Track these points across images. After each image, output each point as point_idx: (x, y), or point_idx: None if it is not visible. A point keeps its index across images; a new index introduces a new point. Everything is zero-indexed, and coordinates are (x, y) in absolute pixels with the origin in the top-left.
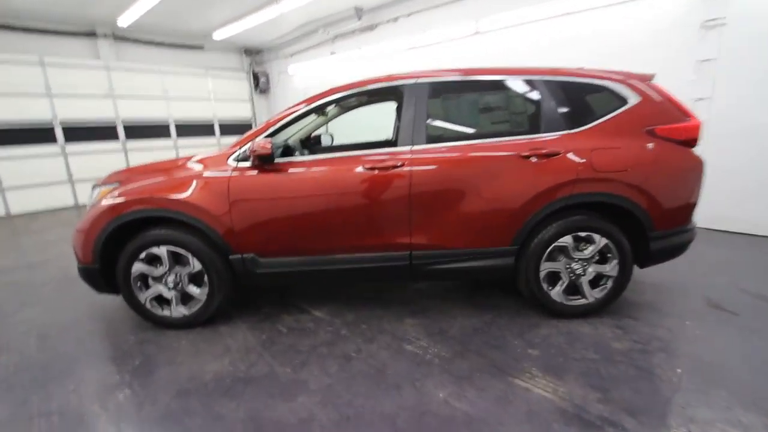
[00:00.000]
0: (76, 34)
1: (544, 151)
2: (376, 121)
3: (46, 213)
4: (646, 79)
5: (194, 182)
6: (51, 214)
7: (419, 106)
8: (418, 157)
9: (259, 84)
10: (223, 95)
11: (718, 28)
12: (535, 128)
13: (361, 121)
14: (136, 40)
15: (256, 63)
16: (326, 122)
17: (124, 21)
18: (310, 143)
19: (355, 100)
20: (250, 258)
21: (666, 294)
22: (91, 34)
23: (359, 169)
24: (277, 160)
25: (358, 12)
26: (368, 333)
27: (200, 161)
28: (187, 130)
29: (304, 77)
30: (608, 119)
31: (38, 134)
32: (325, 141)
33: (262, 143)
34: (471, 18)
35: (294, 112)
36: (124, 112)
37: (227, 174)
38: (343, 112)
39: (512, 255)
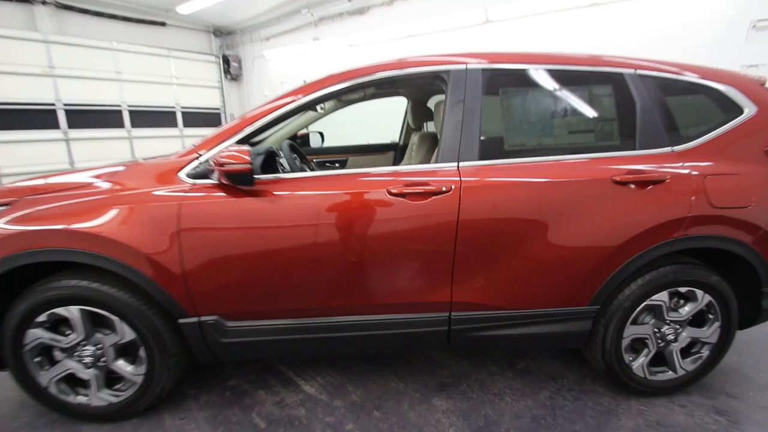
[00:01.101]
0: None
1: (645, 176)
2: (364, 117)
3: None
4: (761, 83)
5: (124, 207)
6: None
7: (471, 104)
8: (469, 180)
9: (230, 69)
10: (188, 80)
11: None
12: (628, 142)
13: (339, 118)
14: (83, 11)
15: (227, 46)
16: (318, 119)
17: None
18: (298, 144)
19: (361, 93)
20: (211, 322)
21: (753, 355)
22: (26, 0)
23: (382, 194)
24: (257, 176)
25: None
26: (386, 428)
27: (135, 173)
28: (144, 118)
29: (283, 65)
30: (722, 134)
31: None
32: (314, 141)
33: (235, 153)
34: (479, 4)
35: (281, 106)
36: (67, 94)
37: (178, 195)
38: (341, 107)
39: (589, 318)
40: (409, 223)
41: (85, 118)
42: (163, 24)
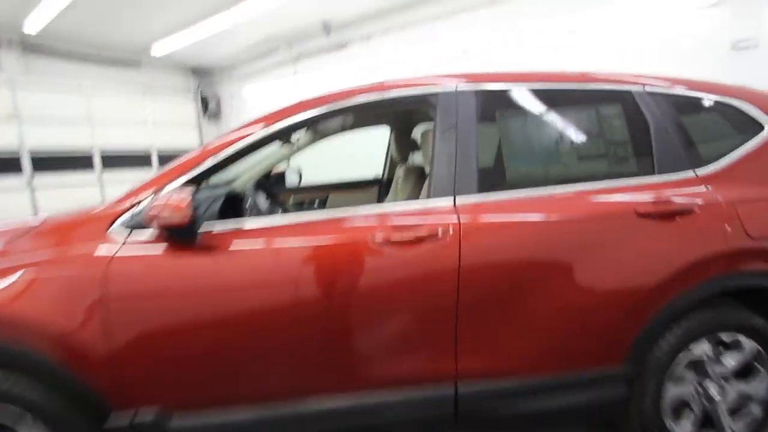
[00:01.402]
0: None
1: (674, 207)
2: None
3: None
4: None
5: (23, 273)
6: None
7: (464, 130)
8: (468, 219)
9: (209, 108)
10: (165, 120)
11: (750, 50)
12: (645, 167)
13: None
14: (52, 52)
15: (206, 84)
16: (293, 154)
17: (32, 26)
18: (270, 185)
19: (339, 121)
20: (150, 421)
21: None
22: None
23: (364, 242)
24: (208, 227)
25: (326, 27)
26: None
27: (49, 229)
28: (117, 161)
29: (263, 102)
30: (745, 154)
31: None
32: (290, 180)
33: (173, 200)
34: (456, 37)
35: (242, 138)
36: (33, 139)
37: (107, 254)
38: (318, 140)
39: (625, 380)
40: (398, 276)
41: (52, 162)
42: (137, 64)
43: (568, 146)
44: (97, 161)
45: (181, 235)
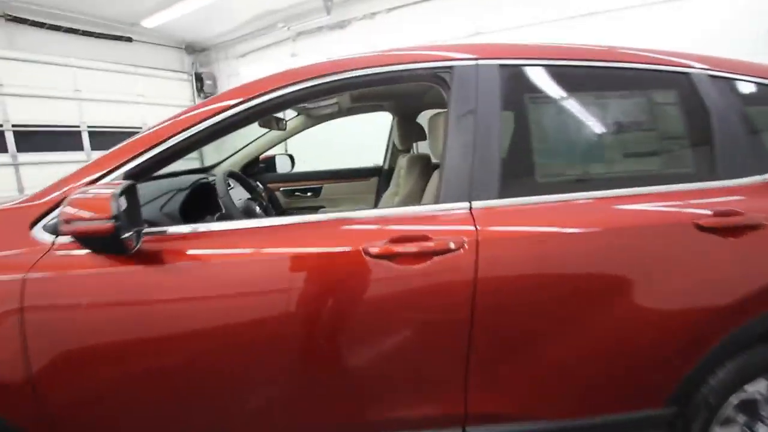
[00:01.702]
0: None
1: (739, 220)
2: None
3: None
4: None
5: None
6: None
7: (486, 115)
8: (488, 229)
9: (204, 87)
10: (157, 98)
11: None
12: (705, 169)
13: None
14: (36, 24)
15: (201, 63)
16: (283, 139)
17: None
18: (257, 171)
19: (331, 101)
20: None
21: None
22: None
23: (355, 256)
24: (160, 229)
25: (327, 4)
26: None
27: None
28: (107, 139)
29: None
30: None
31: None
32: (282, 166)
33: (91, 199)
34: (468, 15)
35: (209, 115)
36: (16, 114)
37: (26, 261)
38: (311, 125)
39: (663, 425)
40: (397, 299)
41: (37, 140)
42: (128, 39)
43: (612, 141)
44: (85, 139)
45: (103, 246)
